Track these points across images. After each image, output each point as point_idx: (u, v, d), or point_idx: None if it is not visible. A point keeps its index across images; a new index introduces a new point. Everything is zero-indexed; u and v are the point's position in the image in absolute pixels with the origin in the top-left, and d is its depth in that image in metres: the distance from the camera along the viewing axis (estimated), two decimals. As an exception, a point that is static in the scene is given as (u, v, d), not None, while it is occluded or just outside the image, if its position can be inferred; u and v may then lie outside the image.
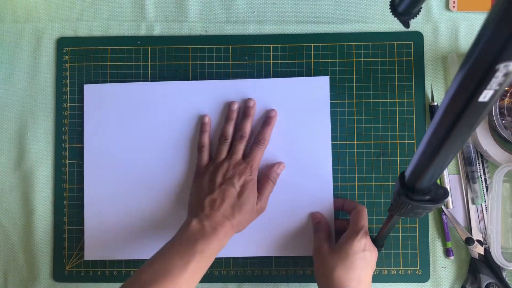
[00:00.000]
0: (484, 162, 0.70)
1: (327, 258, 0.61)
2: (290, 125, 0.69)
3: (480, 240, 0.68)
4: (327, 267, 0.60)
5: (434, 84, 0.71)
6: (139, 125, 0.71)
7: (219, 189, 0.63)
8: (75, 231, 0.71)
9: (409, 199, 0.47)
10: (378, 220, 0.69)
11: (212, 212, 0.60)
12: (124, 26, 0.73)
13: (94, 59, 0.73)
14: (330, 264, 0.59)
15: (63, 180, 0.72)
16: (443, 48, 0.71)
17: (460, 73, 0.31)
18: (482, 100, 0.31)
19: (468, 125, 0.34)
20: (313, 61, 0.71)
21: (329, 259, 0.60)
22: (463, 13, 0.71)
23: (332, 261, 0.60)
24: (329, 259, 0.60)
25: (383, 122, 0.70)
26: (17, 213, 0.72)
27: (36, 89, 0.73)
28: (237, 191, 0.63)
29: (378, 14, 0.72)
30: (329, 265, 0.60)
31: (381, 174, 0.70)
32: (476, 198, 0.68)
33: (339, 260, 0.59)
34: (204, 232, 0.58)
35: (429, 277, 0.69)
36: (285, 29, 0.72)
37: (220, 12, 0.73)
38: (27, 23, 0.74)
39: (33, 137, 0.72)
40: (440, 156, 0.39)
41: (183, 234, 0.59)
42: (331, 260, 0.60)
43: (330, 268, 0.59)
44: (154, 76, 0.72)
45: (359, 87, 0.71)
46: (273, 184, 0.67)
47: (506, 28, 0.26)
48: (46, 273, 0.71)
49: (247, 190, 0.63)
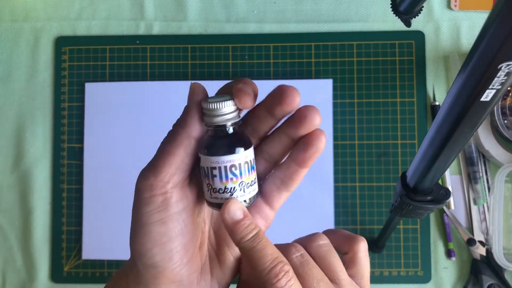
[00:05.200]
0: (486, 162, 0.69)
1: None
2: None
3: (482, 241, 0.67)
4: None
5: (436, 84, 0.70)
6: (139, 125, 0.70)
7: None
8: (74, 232, 0.71)
9: (411, 199, 0.47)
10: (379, 221, 0.69)
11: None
12: (123, 25, 0.73)
13: (93, 59, 0.72)
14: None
15: (62, 181, 0.71)
16: (444, 47, 0.71)
17: (462, 73, 0.31)
18: (484, 100, 0.31)
19: (470, 125, 0.34)
20: (314, 61, 0.71)
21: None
22: (464, 12, 0.71)
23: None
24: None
25: (384, 122, 0.70)
26: (15, 213, 0.72)
27: (35, 89, 0.73)
28: None
29: (379, 13, 0.72)
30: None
31: (382, 174, 0.69)
32: (478, 198, 0.68)
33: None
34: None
35: (430, 278, 0.68)
36: (286, 28, 0.72)
37: (220, 11, 0.73)
38: (25, 22, 0.73)
39: (31, 137, 0.72)
40: (442, 157, 0.39)
41: None
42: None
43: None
44: (153, 76, 0.72)
45: (360, 86, 0.70)
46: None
47: (508, 27, 0.26)
48: (44, 274, 0.71)
49: None
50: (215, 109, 0.31)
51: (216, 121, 0.31)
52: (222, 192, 0.31)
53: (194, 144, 0.32)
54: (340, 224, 0.69)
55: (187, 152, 0.31)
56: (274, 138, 0.34)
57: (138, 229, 0.32)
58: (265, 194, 0.35)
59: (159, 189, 0.31)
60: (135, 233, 0.32)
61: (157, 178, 0.31)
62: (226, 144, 0.31)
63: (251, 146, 0.32)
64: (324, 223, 0.68)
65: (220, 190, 0.31)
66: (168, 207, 0.31)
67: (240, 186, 0.32)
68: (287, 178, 0.34)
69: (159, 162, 0.31)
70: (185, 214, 0.32)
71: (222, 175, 0.31)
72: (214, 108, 0.31)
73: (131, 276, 0.34)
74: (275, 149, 0.34)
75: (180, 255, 0.32)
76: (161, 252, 0.32)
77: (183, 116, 0.32)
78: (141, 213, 0.32)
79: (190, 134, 0.31)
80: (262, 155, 0.34)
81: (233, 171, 0.31)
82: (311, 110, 0.31)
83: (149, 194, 0.31)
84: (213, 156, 0.31)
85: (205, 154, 0.31)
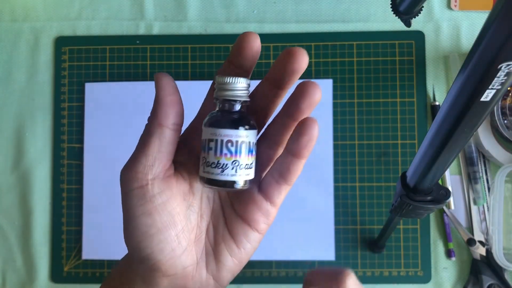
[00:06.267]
0: (486, 163, 0.69)
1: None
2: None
3: (482, 241, 0.67)
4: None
5: (436, 84, 0.70)
6: (139, 125, 0.70)
7: None
8: (74, 232, 0.71)
9: (411, 199, 0.47)
10: (379, 221, 0.69)
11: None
12: (123, 25, 0.73)
13: (93, 59, 0.72)
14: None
15: (62, 181, 0.71)
16: (444, 47, 0.71)
17: (462, 73, 0.31)
18: (484, 100, 0.31)
19: (470, 125, 0.34)
20: (314, 61, 0.71)
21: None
22: (464, 12, 0.71)
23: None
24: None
25: (384, 122, 0.70)
26: (15, 213, 0.72)
27: (34, 89, 0.73)
28: None
29: (379, 13, 0.71)
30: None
31: (382, 174, 0.69)
32: (478, 198, 0.68)
33: None
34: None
35: (430, 278, 0.68)
36: (286, 28, 0.72)
37: (219, 11, 0.73)
38: (25, 22, 0.73)
39: (31, 137, 0.72)
40: (442, 157, 0.39)
41: None
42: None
43: None
44: (153, 76, 0.72)
45: (360, 86, 0.70)
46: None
47: (508, 27, 0.26)
48: (44, 274, 0.71)
49: None
50: (228, 83, 0.31)
51: (225, 95, 0.31)
52: (214, 167, 0.31)
53: (168, 132, 0.32)
54: (340, 224, 0.69)
55: (162, 140, 0.32)
56: (277, 122, 0.34)
57: (127, 223, 0.33)
58: (264, 188, 0.34)
59: (139, 181, 0.32)
60: (125, 228, 0.33)
61: (135, 170, 0.32)
62: (228, 119, 0.31)
63: (254, 129, 0.32)
64: (324, 223, 0.68)
65: (213, 164, 0.31)
66: (151, 198, 0.32)
67: (233, 165, 0.31)
68: (284, 170, 0.33)
69: (136, 154, 0.32)
70: (170, 205, 0.32)
71: (218, 148, 0.31)
72: (226, 82, 0.31)
73: (128, 270, 0.34)
74: (278, 134, 0.34)
75: (171, 247, 0.32)
76: (151, 244, 0.32)
77: (154, 106, 0.32)
78: (126, 207, 0.33)
79: (162, 123, 0.32)
80: (266, 142, 0.34)
81: (229, 147, 0.31)
82: (311, 85, 0.31)
83: (130, 187, 0.32)
84: (212, 128, 0.31)
85: (206, 126, 0.32)
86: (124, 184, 0.33)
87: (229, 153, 0.31)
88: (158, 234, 0.32)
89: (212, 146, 0.31)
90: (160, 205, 0.32)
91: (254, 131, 0.32)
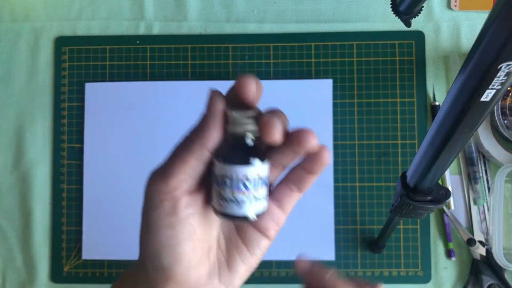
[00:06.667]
0: (486, 163, 0.69)
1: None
2: (292, 127, 0.69)
3: (482, 241, 0.67)
4: None
5: (436, 84, 0.70)
6: (139, 125, 0.70)
7: None
8: (74, 232, 0.71)
9: (411, 199, 0.47)
10: (379, 221, 0.69)
11: None
12: (123, 25, 0.73)
13: (93, 59, 0.72)
14: None
15: (62, 181, 0.71)
16: (444, 47, 0.71)
17: (462, 73, 0.31)
18: (484, 100, 0.31)
19: (470, 125, 0.34)
20: (314, 61, 0.71)
21: None
22: (464, 12, 0.71)
23: None
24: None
25: (384, 122, 0.70)
26: (15, 213, 0.72)
27: (34, 89, 0.73)
28: None
29: (379, 13, 0.71)
30: None
31: (382, 174, 0.69)
32: (478, 198, 0.68)
33: None
34: None
35: (430, 278, 0.68)
36: (286, 28, 0.72)
37: (219, 11, 0.73)
38: (25, 22, 0.73)
39: (31, 137, 0.72)
40: (442, 157, 0.39)
41: None
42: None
43: None
44: (153, 76, 0.72)
45: (360, 86, 0.70)
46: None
47: (508, 27, 0.26)
48: (44, 274, 0.71)
49: None
50: (240, 119, 0.31)
51: (238, 131, 0.31)
52: (230, 202, 0.31)
53: (207, 155, 0.31)
54: (340, 224, 0.69)
55: (200, 161, 0.31)
56: (282, 151, 0.34)
57: (148, 231, 0.32)
58: (277, 197, 0.35)
59: (169, 194, 0.31)
60: (144, 236, 0.33)
61: (167, 184, 0.31)
62: (243, 155, 0.31)
63: (267, 161, 0.32)
64: (324, 223, 0.68)
65: (229, 199, 0.31)
66: (177, 212, 0.31)
67: (250, 200, 0.31)
68: (298, 181, 0.34)
69: (171, 168, 0.31)
70: (193, 218, 0.32)
71: (234, 185, 0.31)
72: (238, 117, 0.31)
73: (140, 277, 0.34)
74: (282, 159, 0.34)
75: (188, 258, 0.32)
76: (170, 255, 0.32)
77: (201, 125, 0.32)
78: (150, 216, 0.32)
79: (205, 145, 0.31)
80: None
81: (246, 183, 0.31)
82: (307, 134, 0.32)
83: (158, 198, 0.31)
84: (228, 165, 0.31)
85: (221, 161, 0.31)
86: (152, 195, 0.32)
87: (246, 189, 0.31)
88: (178, 246, 0.32)
89: (228, 183, 0.31)
90: (185, 218, 0.32)
91: (267, 164, 0.32)
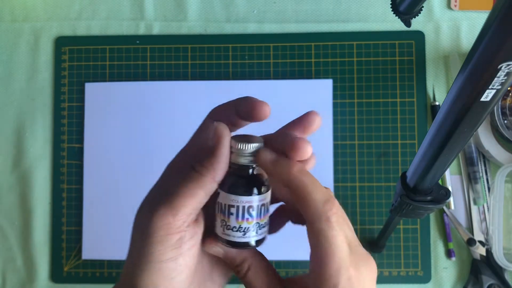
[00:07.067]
0: (486, 163, 0.69)
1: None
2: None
3: (482, 241, 0.67)
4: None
5: (436, 84, 0.70)
6: (139, 125, 0.70)
7: None
8: (74, 232, 0.71)
9: (411, 199, 0.46)
10: (379, 221, 0.69)
11: None
12: (123, 25, 0.73)
13: (93, 59, 0.72)
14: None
15: (62, 181, 0.71)
16: (444, 47, 0.71)
17: (462, 73, 0.31)
18: (484, 100, 0.31)
19: (470, 125, 0.34)
20: (314, 61, 0.71)
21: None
22: (464, 12, 0.71)
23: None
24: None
25: (384, 122, 0.70)
26: (15, 213, 0.72)
27: (34, 89, 0.73)
28: None
29: (379, 13, 0.71)
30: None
31: (382, 174, 0.69)
32: (478, 198, 0.68)
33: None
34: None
35: (430, 278, 0.68)
36: (286, 28, 0.72)
37: (219, 11, 0.73)
38: (25, 22, 0.73)
39: (31, 137, 0.72)
40: (442, 157, 0.39)
41: None
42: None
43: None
44: (153, 76, 0.72)
45: (360, 86, 0.70)
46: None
47: (508, 27, 0.26)
48: (44, 274, 0.71)
49: None
50: (244, 150, 0.32)
51: (243, 162, 0.32)
52: (236, 231, 0.32)
53: (214, 187, 0.32)
54: (340, 224, 0.69)
55: (207, 193, 0.31)
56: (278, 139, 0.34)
57: (148, 265, 0.31)
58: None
59: (176, 228, 0.31)
60: (143, 269, 0.31)
61: (176, 219, 0.30)
62: (247, 185, 0.32)
63: (269, 189, 0.33)
64: (324, 223, 0.68)
65: (234, 228, 0.32)
66: (182, 245, 0.31)
67: (254, 227, 0.32)
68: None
69: (179, 202, 0.31)
70: (194, 248, 0.32)
71: (239, 214, 0.32)
72: (243, 148, 0.31)
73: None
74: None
75: (185, 285, 0.32)
76: (169, 286, 0.31)
77: (211, 159, 0.31)
78: (152, 250, 0.31)
79: (215, 179, 0.31)
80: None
81: (250, 212, 0.32)
82: (304, 142, 0.32)
83: (164, 232, 0.30)
84: (233, 195, 0.32)
85: (225, 191, 0.32)
86: (157, 228, 0.30)
87: (251, 217, 0.32)
88: (178, 277, 0.32)
89: (233, 212, 0.32)
90: (188, 250, 0.32)
91: (269, 191, 0.33)
